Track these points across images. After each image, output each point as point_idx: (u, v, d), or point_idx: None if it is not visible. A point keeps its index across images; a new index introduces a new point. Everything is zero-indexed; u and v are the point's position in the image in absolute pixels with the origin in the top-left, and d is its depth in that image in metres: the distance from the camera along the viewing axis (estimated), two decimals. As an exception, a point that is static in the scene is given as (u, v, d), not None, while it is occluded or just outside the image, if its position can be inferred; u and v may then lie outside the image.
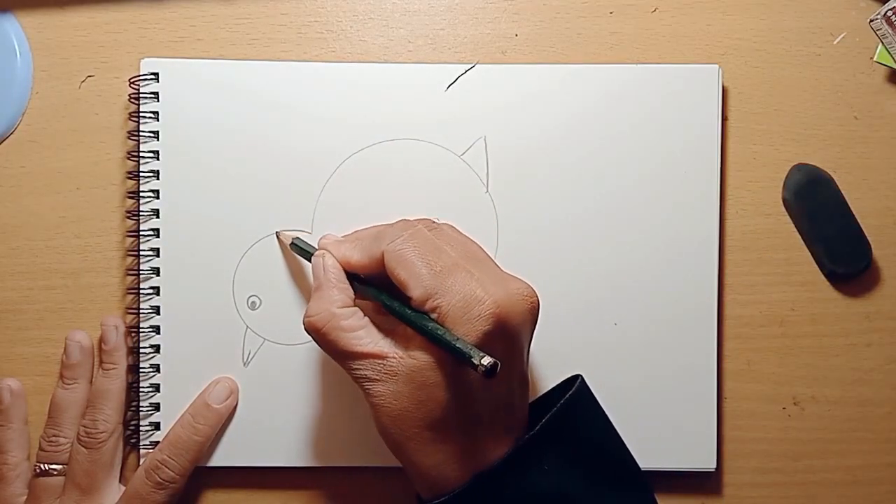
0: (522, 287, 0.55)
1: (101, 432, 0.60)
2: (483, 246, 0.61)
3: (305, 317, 0.55)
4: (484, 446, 0.54)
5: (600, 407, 0.58)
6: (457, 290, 0.52)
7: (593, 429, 0.57)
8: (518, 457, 0.53)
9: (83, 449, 0.60)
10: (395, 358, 0.53)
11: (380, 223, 0.60)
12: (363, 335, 0.54)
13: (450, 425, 0.53)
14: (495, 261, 0.58)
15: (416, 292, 0.53)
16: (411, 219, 0.58)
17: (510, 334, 0.53)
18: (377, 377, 0.53)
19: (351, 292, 0.56)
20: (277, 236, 0.62)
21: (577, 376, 0.58)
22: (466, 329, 0.51)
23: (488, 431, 0.54)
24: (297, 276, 0.62)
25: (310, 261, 0.58)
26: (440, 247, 0.55)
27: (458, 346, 0.51)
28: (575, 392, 0.56)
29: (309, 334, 0.55)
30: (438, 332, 0.52)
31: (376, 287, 0.56)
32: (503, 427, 0.54)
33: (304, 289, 0.62)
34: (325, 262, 0.57)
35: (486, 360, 0.49)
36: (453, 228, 0.59)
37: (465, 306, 0.52)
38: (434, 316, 0.52)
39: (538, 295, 0.55)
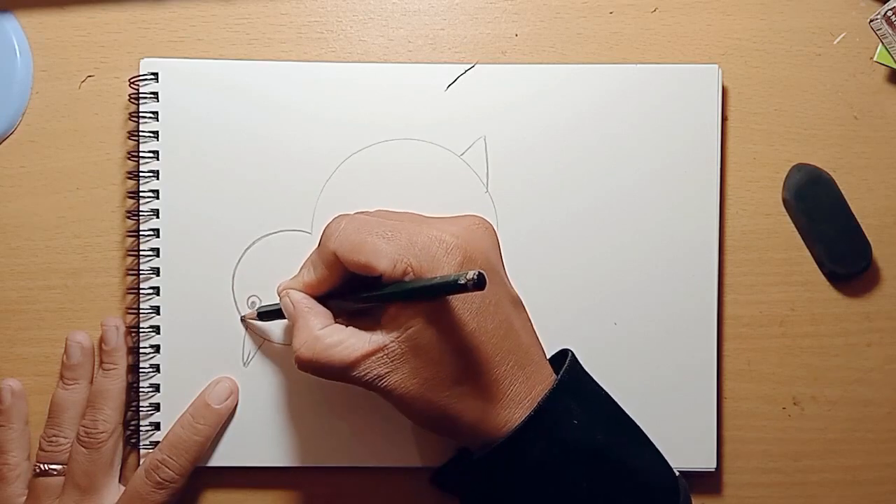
0: (472, 218, 0.57)
1: (101, 432, 0.60)
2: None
3: (294, 354, 0.55)
4: (514, 376, 0.54)
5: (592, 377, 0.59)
6: (416, 242, 0.53)
7: (599, 390, 0.58)
8: (543, 412, 0.54)
9: (83, 449, 0.60)
10: (393, 342, 0.53)
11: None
12: (353, 342, 0.54)
13: (472, 371, 0.54)
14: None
15: (382, 264, 0.53)
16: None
17: (482, 259, 0.54)
18: (387, 369, 0.53)
19: (328, 312, 0.56)
20: (243, 321, 0.62)
21: (567, 350, 0.58)
22: (441, 271, 0.52)
23: (511, 360, 0.54)
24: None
25: (282, 317, 0.59)
26: (381, 220, 0.55)
27: (438, 283, 0.51)
28: (573, 359, 0.57)
29: (304, 370, 0.55)
30: (418, 284, 0.52)
31: (345, 296, 0.56)
32: (523, 354, 0.55)
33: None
34: (291, 299, 0.57)
35: (470, 274, 0.49)
36: (388, 210, 0.60)
37: (429, 252, 0.53)
38: (408, 278, 0.53)
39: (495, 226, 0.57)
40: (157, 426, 0.62)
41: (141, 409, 0.62)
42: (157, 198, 0.62)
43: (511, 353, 0.54)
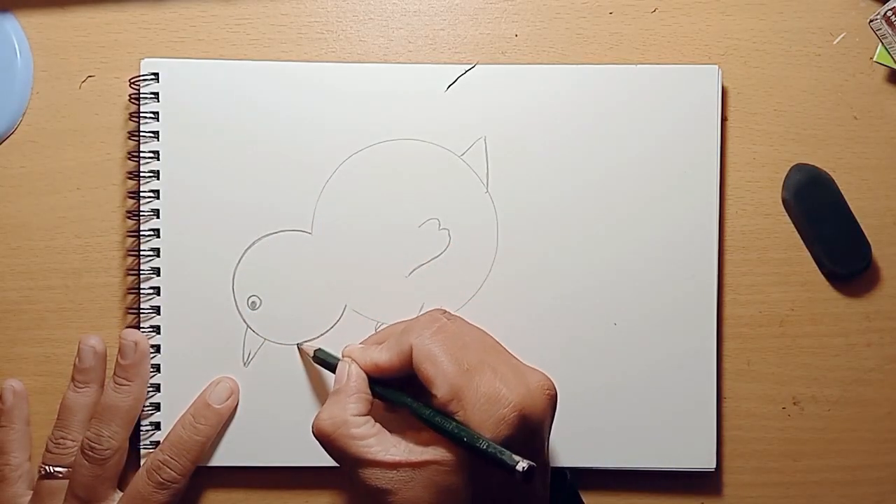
0: (541, 380, 0.55)
1: (106, 449, 0.60)
2: (483, 246, 0.61)
3: (316, 420, 0.55)
4: None
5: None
6: (482, 390, 0.52)
7: None
8: None
9: (86, 462, 0.59)
10: (408, 466, 0.52)
11: (382, 227, 0.61)
12: (374, 443, 0.53)
13: None
14: (505, 347, 0.59)
15: (441, 390, 0.53)
16: (431, 310, 0.58)
17: (532, 430, 0.53)
18: (388, 486, 0.52)
19: (369, 404, 0.56)
20: (298, 348, 0.62)
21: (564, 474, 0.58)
22: (491, 431, 0.51)
23: None
24: (299, 277, 0.62)
25: (333, 371, 0.58)
26: (466, 343, 0.55)
27: (489, 450, 0.51)
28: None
29: (316, 438, 0.55)
30: (465, 435, 0.51)
31: (400, 390, 0.56)
32: None
33: (305, 288, 0.62)
34: (349, 370, 0.57)
35: (523, 465, 0.49)
36: (464, 320, 0.59)
37: (490, 408, 0.52)
38: (458, 416, 0.52)
39: (554, 383, 0.55)
40: (157, 426, 0.62)
41: (142, 409, 0.62)
42: (158, 198, 0.62)
43: None
